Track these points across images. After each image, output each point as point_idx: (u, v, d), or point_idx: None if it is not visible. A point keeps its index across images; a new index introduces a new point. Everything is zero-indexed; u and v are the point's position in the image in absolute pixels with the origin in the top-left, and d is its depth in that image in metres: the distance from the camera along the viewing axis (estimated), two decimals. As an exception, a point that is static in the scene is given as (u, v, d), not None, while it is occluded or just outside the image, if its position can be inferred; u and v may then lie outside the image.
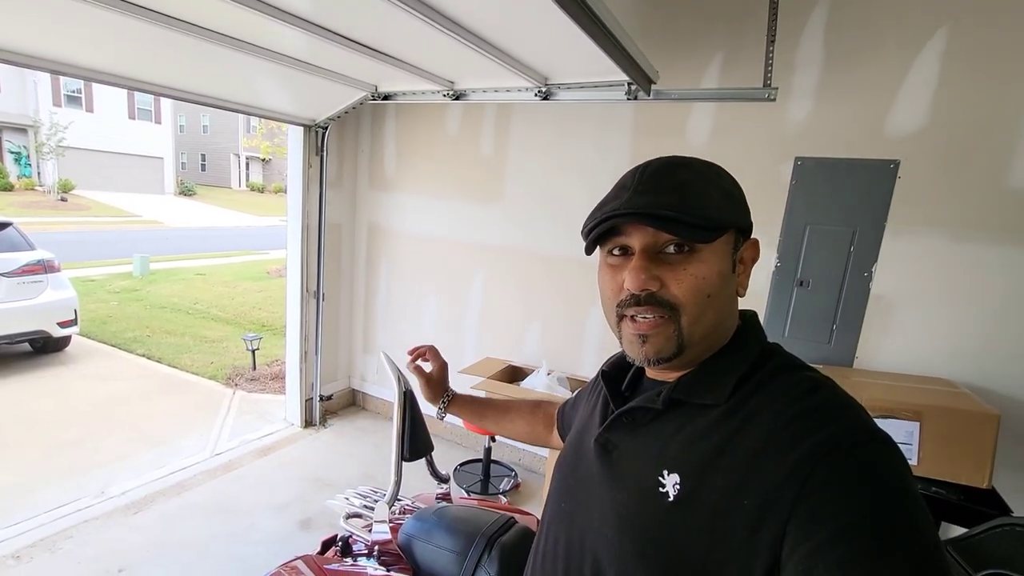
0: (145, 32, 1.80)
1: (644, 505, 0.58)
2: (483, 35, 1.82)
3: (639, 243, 0.59)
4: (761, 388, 0.58)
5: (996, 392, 2.02)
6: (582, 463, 0.71)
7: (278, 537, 2.39)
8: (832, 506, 0.46)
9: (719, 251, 0.59)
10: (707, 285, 0.58)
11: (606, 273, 0.64)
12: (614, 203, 0.60)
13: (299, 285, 3.33)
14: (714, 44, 2.40)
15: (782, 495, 0.48)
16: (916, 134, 2.09)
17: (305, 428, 3.49)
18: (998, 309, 2.03)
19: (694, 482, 0.55)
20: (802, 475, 0.48)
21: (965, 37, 1.98)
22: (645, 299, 0.59)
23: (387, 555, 1.30)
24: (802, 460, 0.49)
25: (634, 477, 0.61)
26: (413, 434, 1.37)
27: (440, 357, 1.16)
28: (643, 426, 0.64)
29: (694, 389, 0.61)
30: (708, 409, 0.59)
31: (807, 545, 0.46)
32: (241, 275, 9.58)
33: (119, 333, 5.53)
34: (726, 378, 0.59)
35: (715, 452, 0.55)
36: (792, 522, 0.47)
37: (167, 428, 3.42)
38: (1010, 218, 1.98)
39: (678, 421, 0.61)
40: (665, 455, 0.59)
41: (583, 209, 2.51)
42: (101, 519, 2.42)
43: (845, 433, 0.50)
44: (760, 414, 0.55)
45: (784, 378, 0.58)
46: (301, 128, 3.15)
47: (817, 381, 0.57)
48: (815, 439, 0.49)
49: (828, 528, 0.45)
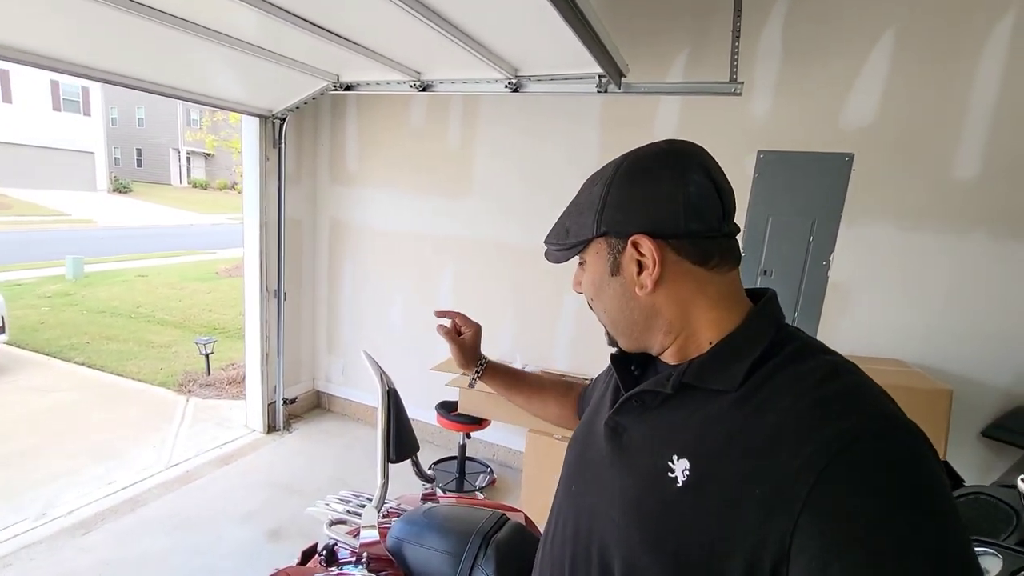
0: (85, 10, 1.64)
1: (652, 489, 0.57)
2: (454, 20, 1.77)
3: None
4: (777, 373, 0.55)
5: (944, 371, 2.17)
6: (592, 446, 0.70)
7: (246, 548, 2.28)
8: (848, 502, 0.44)
9: (592, 259, 0.66)
10: (589, 289, 0.68)
11: None
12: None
13: (258, 284, 3.18)
14: (680, 39, 2.45)
15: (796, 486, 0.46)
16: (868, 128, 2.20)
17: (268, 433, 3.35)
18: (944, 293, 2.17)
19: (704, 468, 0.54)
20: (819, 466, 0.46)
21: (911, 37, 2.10)
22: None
23: (376, 561, 1.25)
24: (820, 450, 0.46)
25: (643, 461, 0.61)
26: (399, 435, 1.33)
27: (472, 321, 1.10)
28: (653, 409, 0.63)
29: (706, 373, 0.59)
30: (721, 394, 0.57)
31: (821, 541, 0.44)
32: (188, 276, 9.07)
33: (53, 340, 5.12)
34: (738, 362, 0.57)
35: (727, 439, 0.54)
36: (805, 515, 0.45)
37: (115, 440, 3.19)
38: (954, 208, 2.12)
39: (690, 405, 0.60)
40: (675, 440, 0.58)
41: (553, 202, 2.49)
42: (45, 542, 2.23)
43: (866, 422, 0.48)
44: (776, 400, 0.53)
45: (802, 363, 0.56)
46: (256, 119, 2.99)
47: (838, 366, 0.55)
48: (835, 428, 0.47)
49: (844, 527, 0.43)
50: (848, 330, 2.32)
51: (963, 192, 2.10)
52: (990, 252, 2.10)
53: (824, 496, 0.45)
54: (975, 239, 2.11)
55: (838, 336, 2.34)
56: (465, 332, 1.10)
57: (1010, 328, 2.10)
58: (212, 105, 2.80)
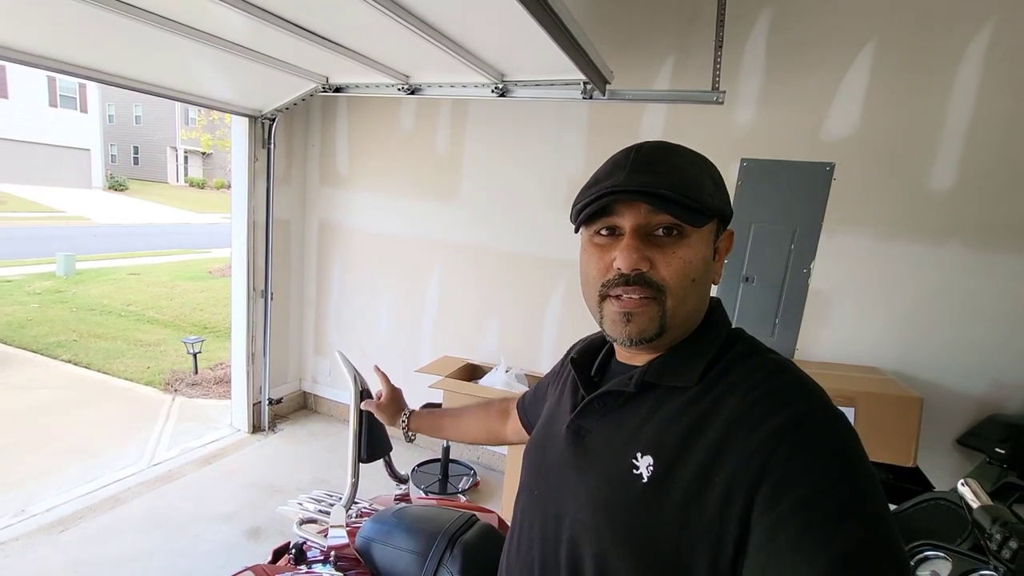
0: (71, 8, 1.66)
1: (619, 488, 0.59)
2: (440, 28, 1.79)
3: (631, 223, 0.59)
4: (729, 370, 0.60)
5: (919, 378, 2.19)
6: (552, 450, 0.71)
7: (225, 548, 2.27)
8: (795, 478, 0.49)
9: (705, 237, 0.61)
10: (693, 269, 0.59)
11: (592, 253, 0.63)
12: (610, 180, 0.60)
13: (245, 284, 3.18)
14: (666, 48, 2.48)
15: (750, 469, 0.51)
16: (849, 139, 2.23)
17: (253, 434, 3.34)
18: (921, 302, 2.20)
19: (667, 463, 0.57)
20: (768, 450, 0.51)
21: (891, 50, 2.14)
22: (634, 279, 0.59)
23: (344, 560, 1.26)
24: (768, 436, 0.51)
25: (608, 461, 0.62)
26: (371, 434, 1.34)
27: (389, 382, 1.24)
28: (615, 410, 0.65)
29: (666, 372, 0.62)
30: (679, 391, 0.61)
31: (771, 515, 0.49)
32: (179, 275, 9.04)
33: (40, 338, 5.09)
34: (696, 361, 0.61)
35: (687, 433, 0.57)
36: (759, 494, 0.50)
37: (98, 439, 3.17)
38: (931, 218, 2.15)
39: (650, 404, 0.62)
40: (638, 438, 0.60)
41: (540, 206, 2.51)
42: (22, 539, 2.21)
43: (807, 411, 0.53)
44: (729, 395, 0.57)
45: (750, 361, 0.60)
46: (246, 119, 3.00)
47: (780, 363, 0.60)
48: (780, 417, 0.52)
49: (790, 498, 0.48)
50: (827, 337, 2.34)
51: (939, 203, 2.13)
52: (966, 262, 2.13)
53: (775, 475, 0.50)
54: (951, 249, 2.14)
55: (819, 342, 2.37)
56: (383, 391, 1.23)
57: (985, 337, 2.13)
58: (202, 104, 2.81)
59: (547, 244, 2.86)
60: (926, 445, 1.90)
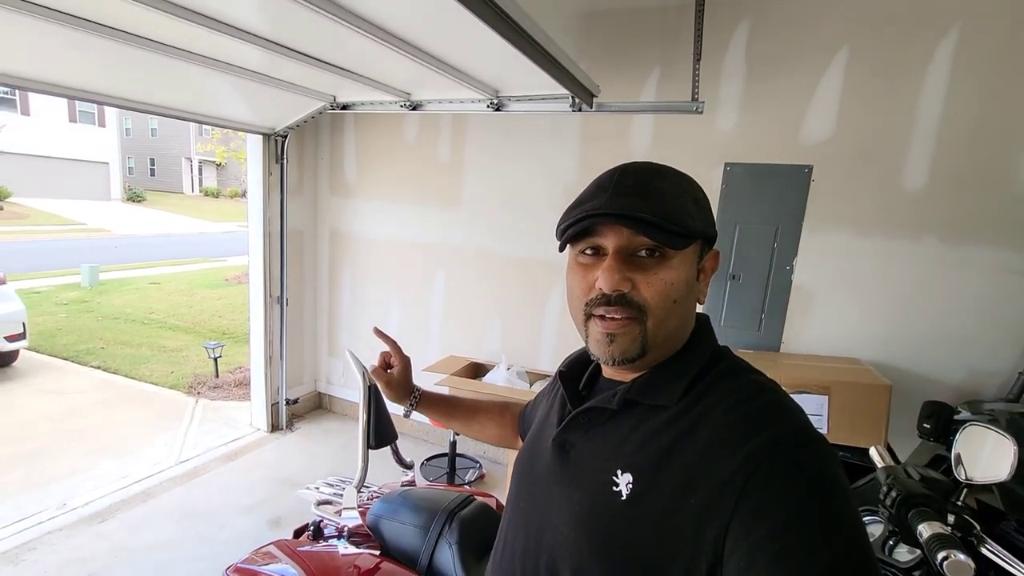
0: (97, 45, 1.84)
1: (599, 504, 0.60)
2: (436, 54, 1.96)
3: (613, 244, 0.60)
4: (710, 391, 0.60)
5: (898, 368, 2.30)
6: (539, 463, 0.72)
7: (248, 536, 2.45)
8: (771, 504, 0.49)
9: (688, 259, 0.61)
10: (674, 291, 0.60)
11: (576, 272, 0.64)
12: (592, 203, 0.60)
13: (262, 291, 3.37)
14: (651, 60, 2.61)
15: (726, 493, 0.51)
16: (825, 142, 2.35)
17: (272, 432, 3.53)
18: (899, 295, 2.31)
19: (646, 481, 0.57)
20: (745, 475, 0.51)
21: (864, 55, 2.25)
22: (616, 299, 0.59)
23: (357, 535, 1.42)
24: (745, 460, 0.51)
25: (590, 476, 0.63)
26: (378, 424, 1.49)
27: (402, 354, 1.09)
28: (599, 426, 0.66)
29: (648, 390, 0.63)
30: (660, 410, 0.61)
31: (748, 540, 0.49)
32: (198, 283, 9.34)
33: (71, 346, 5.36)
34: (678, 380, 0.62)
35: (666, 452, 0.57)
36: (735, 519, 0.50)
37: (128, 439, 3.39)
38: (906, 216, 2.26)
39: (632, 421, 0.63)
40: (619, 455, 0.61)
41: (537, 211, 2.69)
42: (65, 530, 2.42)
43: (784, 435, 0.53)
44: (708, 416, 0.57)
45: (731, 381, 0.61)
46: (260, 137, 3.20)
47: (761, 385, 0.60)
48: (757, 441, 0.52)
49: (766, 524, 0.48)
50: (810, 330, 2.46)
51: (913, 200, 2.24)
52: (941, 256, 2.24)
53: (750, 501, 0.50)
54: (926, 244, 2.25)
55: (803, 335, 2.48)
56: (395, 366, 1.08)
57: (960, 328, 2.24)
58: (219, 125, 3.02)
59: (546, 247, 3.01)
60: (904, 431, 2.00)
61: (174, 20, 1.63)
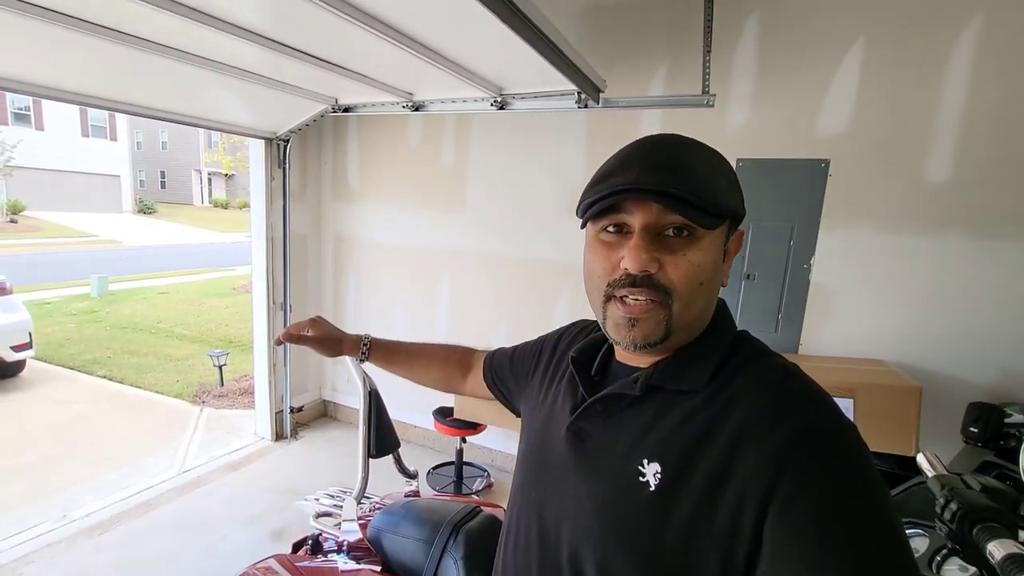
0: (98, 48, 1.81)
1: (624, 495, 0.58)
2: (438, 49, 1.90)
3: (641, 222, 0.56)
4: (736, 375, 0.58)
5: (925, 370, 2.19)
6: (551, 452, 0.69)
7: (250, 549, 2.38)
8: (808, 492, 0.48)
9: (716, 239, 0.58)
10: (702, 272, 0.57)
11: (598, 250, 0.60)
12: (619, 178, 0.56)
13: (265, 297, 3.33)
14: (660, 54, 2.55)
15: (762, 480, 0.50)
16: (843, 135, 2.26)
17: (276, 441, 3.47)
18: (924, 293, 2.20)
19: (676, 471, 0.55)
20: (780, 462, 0.49)
21: (881, 45, 2.17)
22: (641, 280, 0.56)
23: (357, 550, 1.35)
24: (780, 446, 0.50)
25: (611, 466, 0.60)
26: (379, 431, 1.43)
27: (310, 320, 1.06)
28: (617, 414, 0.63)
29: (673, 375, 0.60)
30: (687, 395, 0.59)
31: (785, 528, 0.48)
32: (206, 292, 9.36)
33: (77, 355, 5.36)
34: (704, 365, 0.59)
35: (696, 441, 0.55)
36: (772, 506, 0.49)
37: (131, 448, 3.35)
38: (929, 210, 2.16)
39: (655, 408, 0.60)
40: (644, 443, 0.59)
41: (544, 212, 2.60)
42: (64, 542, 2.36)
43: (819, 421, 0.52)
44: (737, 401, 0.55)
45: (758, 364, 0.59)
46: (262, 141, 3.16)
47: (788, 368, 0.59)
48: (791, 426, 0.51)
49: (804, 512, 0.47)
50: (830, 330, 2.36)
51: (936, 195, 2.14)
52: (967, 252, 2.13)
53: (787, 487, 0.49)
54: (951, 240, 2.15)
55: (822, 336, 2.38)
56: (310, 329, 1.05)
57: (990, 326, 2.13)
58: (221, 129, 2.98)
59: (552, 248, 2.93)
60: (935, 435, 1.89)
61: (174, 19, 1.58)
